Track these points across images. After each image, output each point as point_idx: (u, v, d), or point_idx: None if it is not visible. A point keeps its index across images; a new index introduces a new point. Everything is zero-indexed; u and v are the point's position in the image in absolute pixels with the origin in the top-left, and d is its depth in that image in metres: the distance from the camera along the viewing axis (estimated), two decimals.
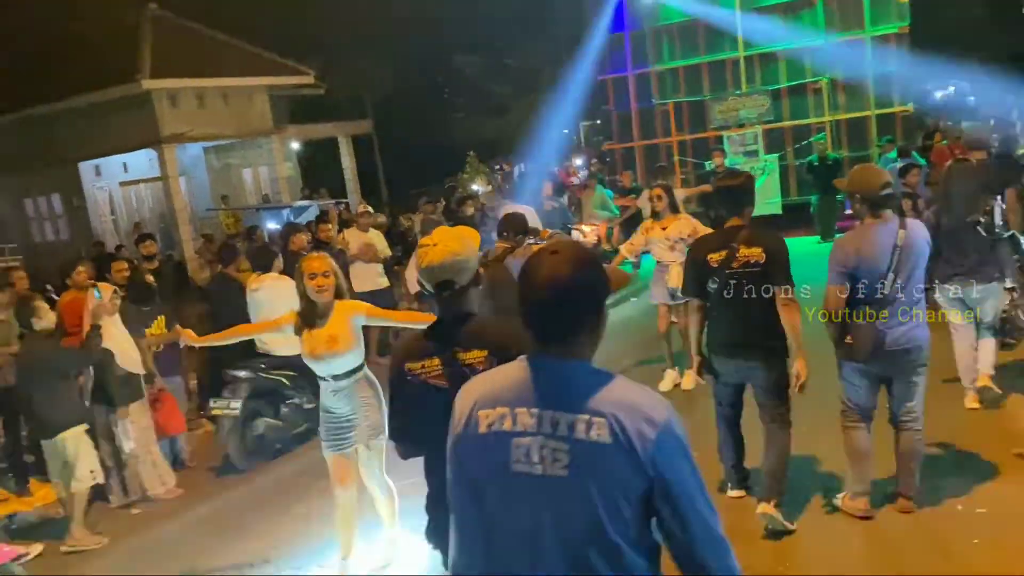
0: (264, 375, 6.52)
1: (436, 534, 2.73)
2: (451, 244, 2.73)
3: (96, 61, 17.25)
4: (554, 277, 1.85)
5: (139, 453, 6.04)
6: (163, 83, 16.38)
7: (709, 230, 5.53)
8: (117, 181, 20.02)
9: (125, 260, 7.98)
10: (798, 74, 15.06)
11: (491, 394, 1.93)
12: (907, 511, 4.30)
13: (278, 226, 13.80)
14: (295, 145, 22.37)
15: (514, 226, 5.46)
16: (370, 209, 10.12)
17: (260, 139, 19.25)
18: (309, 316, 4.29)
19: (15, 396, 6.04)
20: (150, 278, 7.11)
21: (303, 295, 4.32)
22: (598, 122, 21.25)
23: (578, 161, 20.21)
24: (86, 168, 19.07)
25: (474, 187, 19.84)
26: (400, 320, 5.15)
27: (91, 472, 5.51)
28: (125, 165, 19.49)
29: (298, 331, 4.32)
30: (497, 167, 22.82)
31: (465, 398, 1.98)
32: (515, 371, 1.94)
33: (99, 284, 6.09)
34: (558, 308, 1.86)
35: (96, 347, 5.56)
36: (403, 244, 11.23)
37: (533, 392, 1.88)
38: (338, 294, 4.35)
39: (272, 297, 6.35)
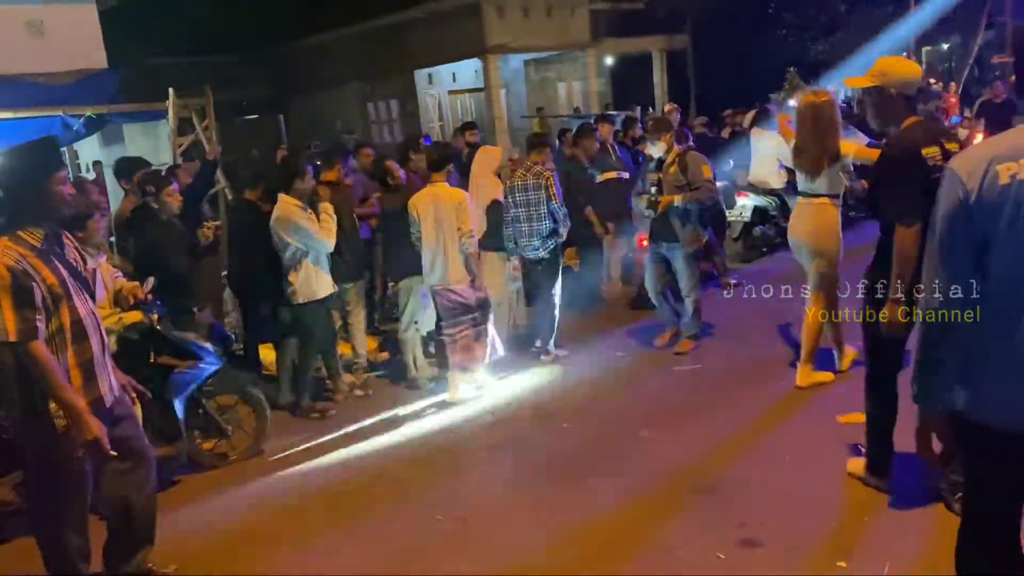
0: (763, 197, 8.81)
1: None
2: None
3: None
4: None
5: None
6: None
7: None
8: (446, 89, 21.62)
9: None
10: None
11: (1011, 150, 1.97)
12: None
13: None
14: (608, 60, 22.48)
15: None
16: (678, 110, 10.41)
17: (576, 53, 19.59)
18: None
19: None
20: None
21: None
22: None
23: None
24: (420, 76, 20.80)
25: (791, 103, 18.55)
26: None
27: None
28: (454, 75, 20.95)
29: None
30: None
31: (976, 157, 2.01)
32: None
33: None
34: None
35: None
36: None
37: None
38: None
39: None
